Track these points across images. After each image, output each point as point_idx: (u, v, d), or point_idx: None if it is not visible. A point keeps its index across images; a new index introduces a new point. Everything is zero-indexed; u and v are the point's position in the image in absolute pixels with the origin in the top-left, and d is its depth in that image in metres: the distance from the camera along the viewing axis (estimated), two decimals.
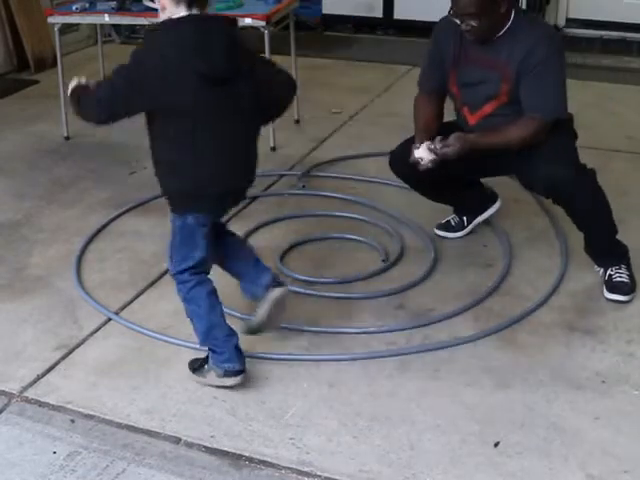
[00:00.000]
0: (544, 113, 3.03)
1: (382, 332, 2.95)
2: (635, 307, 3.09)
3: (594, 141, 4.72)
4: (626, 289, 3.12)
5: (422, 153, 3.06)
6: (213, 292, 2.69)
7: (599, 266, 3.21)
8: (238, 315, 3.00)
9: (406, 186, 3.94)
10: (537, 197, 3.69)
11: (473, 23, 2.95)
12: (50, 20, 4.51)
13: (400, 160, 3.28)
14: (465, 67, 3.14)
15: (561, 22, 7.38)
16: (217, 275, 2.78)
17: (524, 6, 6.80)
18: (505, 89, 3.08)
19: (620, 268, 3.15)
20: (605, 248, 3.21)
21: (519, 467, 2.33)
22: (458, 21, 2.99)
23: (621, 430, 2.47)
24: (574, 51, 6.80)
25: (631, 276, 3.16)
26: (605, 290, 3.12)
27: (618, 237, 3.19)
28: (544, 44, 2.99)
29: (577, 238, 3.26)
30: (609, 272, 3.15)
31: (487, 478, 2.30)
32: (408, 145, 3.19)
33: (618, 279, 3.13)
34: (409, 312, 3.08)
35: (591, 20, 7.18)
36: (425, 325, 2.98)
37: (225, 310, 3.01)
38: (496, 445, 2.41)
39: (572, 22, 7.32)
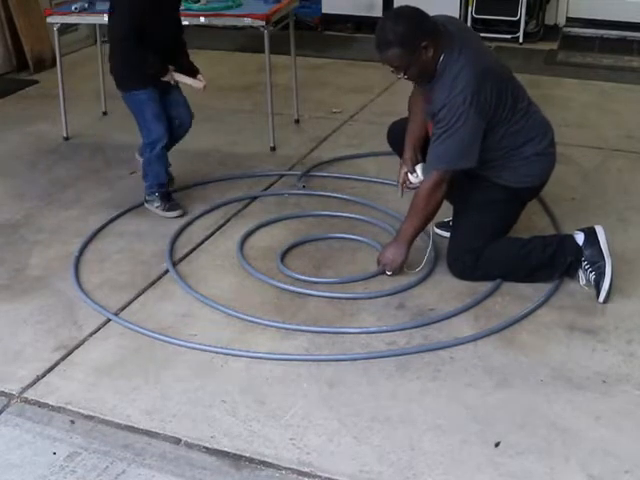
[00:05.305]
0: (430, 164, 3.13)
1: (382, 332, 2.94)
2: (635, 307, 3.08)
3: (594, 140, 4.73)
4: (599, 279, 3.07)
5: (421, 177, 3.25)
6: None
7: (571, 277, 3.21)
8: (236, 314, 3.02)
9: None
10: (538, 197, 3.67)
11: (399, 75, 3.01)
12: (49, 20, 4.50)
13: (397, 138, 3.45)
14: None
15: (561, 21, 7.39)
16: (217, 276, 2.76)
17: (524, 6, 6.82)
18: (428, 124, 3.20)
19: (585, 271, 3.14)
20: (552, 273, 3.20)
21: (520, 467, 2.33)
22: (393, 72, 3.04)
23: (622, 430, 2.47)
24: (574, 50, 6.82)
25: (595, 267, 3.10)
26: (596, 298, 3.10)
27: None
28: (453, 100, 2.96)
29: None
30: (584, 277, 3.15)
31: (488, 478, 2.29)
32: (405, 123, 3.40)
33: (592, 279, 3.11)
34: (409, 312, 3.07)
35: (591, 19, 7.19)
36: (425, 325, 2.98)
37: (225, 310, 3.05)
38: (497, 445, 2.41)
39: (572, 21, 7.33)
